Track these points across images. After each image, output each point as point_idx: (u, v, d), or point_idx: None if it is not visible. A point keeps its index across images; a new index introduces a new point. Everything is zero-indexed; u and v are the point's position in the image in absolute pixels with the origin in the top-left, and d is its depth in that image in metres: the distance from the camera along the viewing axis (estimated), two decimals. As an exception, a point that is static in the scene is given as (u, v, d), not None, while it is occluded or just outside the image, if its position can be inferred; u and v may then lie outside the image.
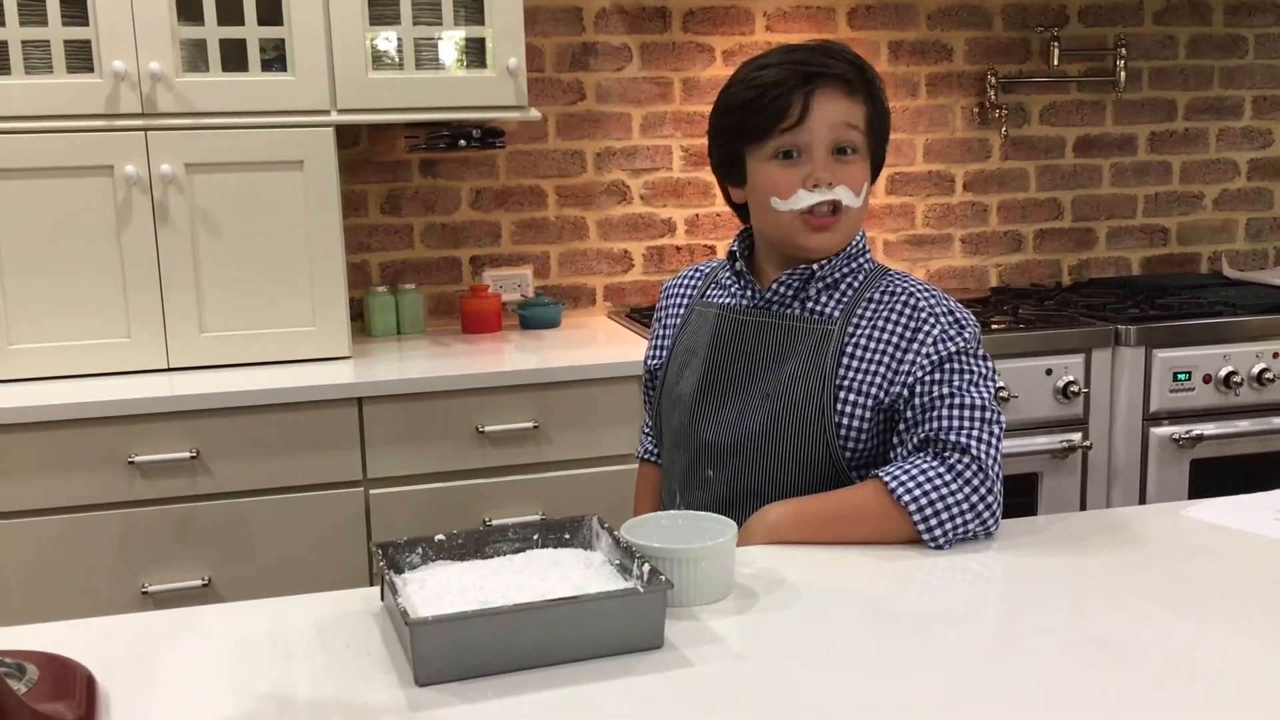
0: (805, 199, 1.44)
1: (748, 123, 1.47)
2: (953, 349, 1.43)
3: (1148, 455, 2.58)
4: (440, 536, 1.23)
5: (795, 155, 1.45)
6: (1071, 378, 2.52)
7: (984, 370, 1.44)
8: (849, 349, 1.46)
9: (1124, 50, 3.17)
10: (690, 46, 2.95)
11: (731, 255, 1.58)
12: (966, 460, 1.35)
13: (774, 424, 1.46)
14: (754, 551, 1.34)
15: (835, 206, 1.45)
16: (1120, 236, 3.32)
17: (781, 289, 1.51)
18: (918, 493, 1.33)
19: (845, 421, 1.44)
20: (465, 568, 1.20)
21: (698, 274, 1.67)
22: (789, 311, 1.51)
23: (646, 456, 1.77)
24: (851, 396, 1.44)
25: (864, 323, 1.47)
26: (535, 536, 1.26)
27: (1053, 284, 3.24)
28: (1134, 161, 3.29)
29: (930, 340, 1.43)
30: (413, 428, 2.26)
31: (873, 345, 1.45)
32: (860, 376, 1.45)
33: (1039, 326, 2.58)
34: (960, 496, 1.33)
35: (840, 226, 1.47)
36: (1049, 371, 2.52)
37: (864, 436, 1.45)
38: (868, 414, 1.44)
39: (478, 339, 2.68)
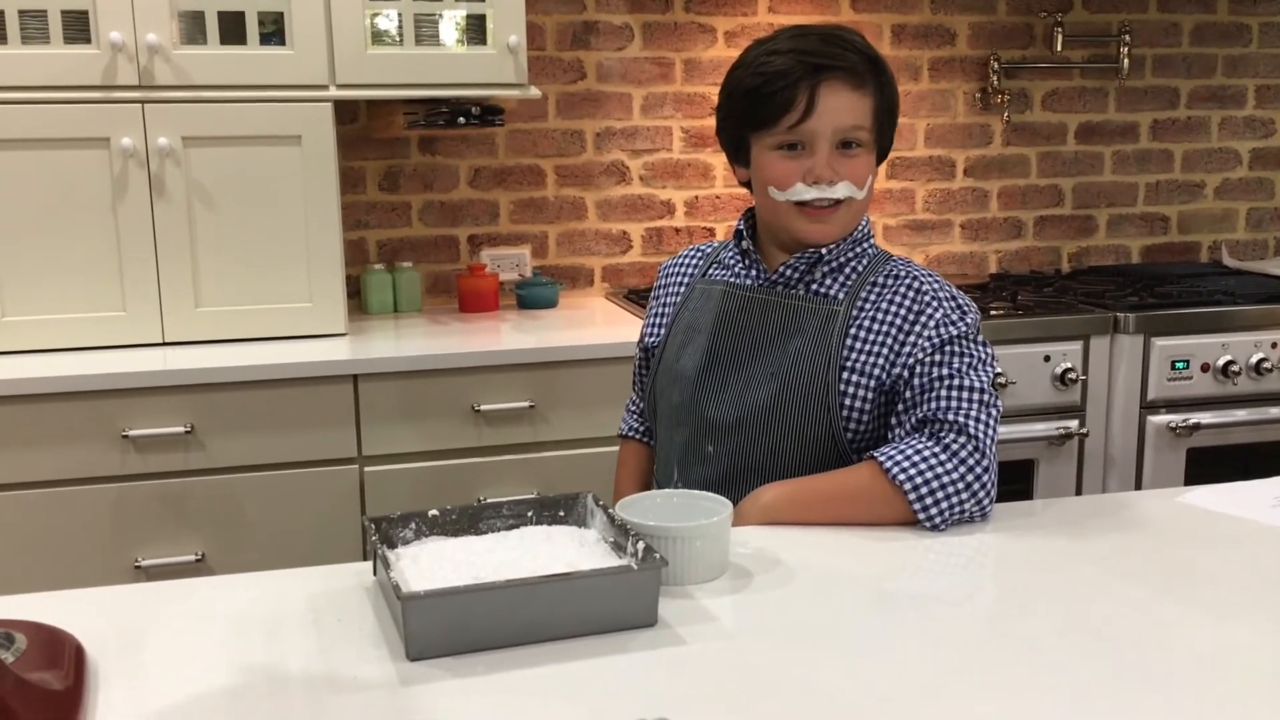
0: (803, 193, 1.44)
1: (752, 111, 1.46)
2: (954, 332, 1.42)
3: (1144, 443, 2.58)
4: (434, 512, 1.23)
5: (799, 148, 1.44)
6: (1069, 365, 2.52)
7: (984, 355, 1.44)
8: (853, 330, 1.46)
9: (1127, 37, 3.15)
10: (692, 27, 2.93)
11: (738, 234, 1.57)
12: (963, 440, 1.35)
13: (778, 401, 1.46)
14: (749, 531, 1.34)
15: (835, 200, 1.45)
16: (1120, 224, 3.31)
17: (788, 271, 1.51)
18: (913, 473, 1.33)
19: (849, 402, 1.44)
20: (459, 543, 1.19)
21: (698, 254, 1.66)
22: (794, 292, 1.51)
23: (630, 434, 1.76)
24: (855, 377, 1.44)
25: (868, 305, 1.47)
26: (529, 513, 1.26)
27: (1052, 271, 3.23)
28: (1135, 149, 3.28)
29: (932, 323, 1.43)
30: (408, 406, 2.25)
31: (876, 326, 1.45)
32: (864, 357, 1.44)
33: (1037, 313, 2.57)
34: (956, 477, 1.33)
35: (838, 218, 1.47)
36: (1047, 358, 2.51)
37: (866, 417, 1.45)
38: (870, 394, 1.44)
39: (474, 318, 2.67)
